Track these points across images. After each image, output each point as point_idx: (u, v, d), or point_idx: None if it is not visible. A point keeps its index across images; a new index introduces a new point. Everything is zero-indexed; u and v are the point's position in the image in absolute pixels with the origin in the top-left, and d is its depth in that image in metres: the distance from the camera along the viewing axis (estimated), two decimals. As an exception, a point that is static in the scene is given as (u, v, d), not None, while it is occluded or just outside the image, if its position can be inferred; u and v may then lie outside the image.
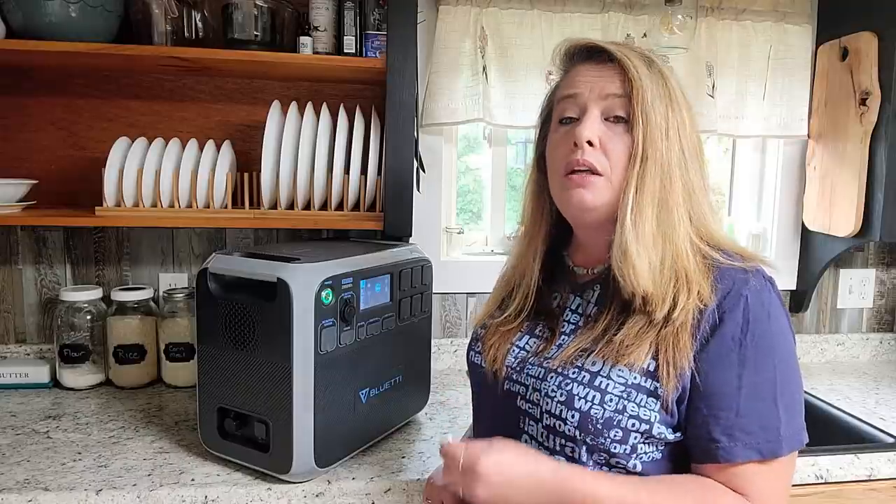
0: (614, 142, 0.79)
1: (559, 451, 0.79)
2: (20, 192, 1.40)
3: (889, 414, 1.45)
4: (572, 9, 1.60)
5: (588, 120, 0.80)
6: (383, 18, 1.40)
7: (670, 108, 0.80)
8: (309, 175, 1.41)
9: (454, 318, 1.74)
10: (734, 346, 0.73)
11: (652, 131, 0.78)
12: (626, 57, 0.80)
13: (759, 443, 0.72)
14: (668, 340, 0.75)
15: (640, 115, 0.78)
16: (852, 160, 1.58)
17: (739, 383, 0.73)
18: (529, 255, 0.91)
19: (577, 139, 0.79)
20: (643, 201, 0.78)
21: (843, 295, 1.87)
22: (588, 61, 0.84)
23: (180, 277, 1.61)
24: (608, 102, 0.80)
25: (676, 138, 0.80)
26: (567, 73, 0.87)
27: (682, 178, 0.80)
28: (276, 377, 1.04)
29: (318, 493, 1.07)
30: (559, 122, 0.84)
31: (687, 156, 0.80)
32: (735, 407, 0.73)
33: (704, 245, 0.80)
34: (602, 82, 0.81)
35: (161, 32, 1.37)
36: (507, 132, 1.76)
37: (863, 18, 1.55)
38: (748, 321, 0.74)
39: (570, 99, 0.83)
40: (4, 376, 1.47)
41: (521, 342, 0.88)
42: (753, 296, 0.75)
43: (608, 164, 0.79)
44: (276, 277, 1.02)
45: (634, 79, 0.79)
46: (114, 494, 1.03)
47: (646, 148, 0.78)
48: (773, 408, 0.73)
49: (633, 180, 0.78)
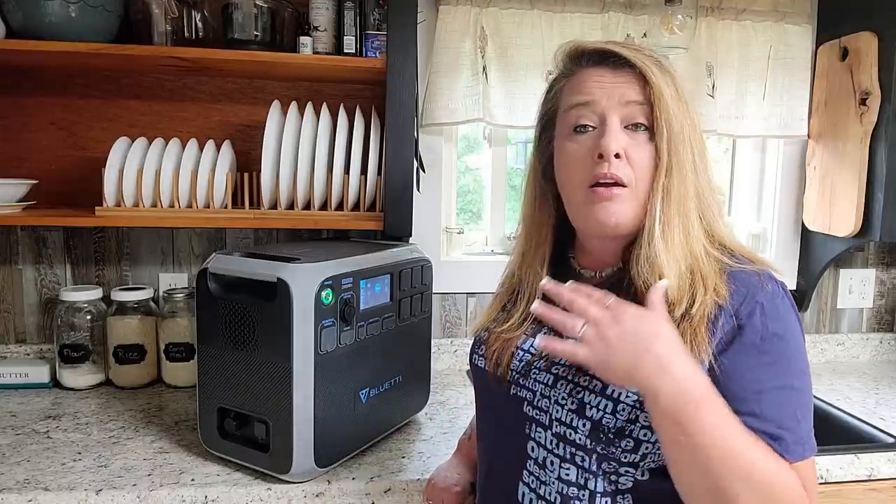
0: (638, 152, 0.77)
1: (569, 460, 0.78)
2: (20, 192, 1.40)
3: (889, 414, 1.45)
4: (572, 9, 1.60)
5: (612, 131, 0.77)
6: (383, 18, 1.40)
7: (684, 111, 0.79)
8: (309, 175, 1.41)
9: (454, 318, 1.74)
10: (754, 352, 0.73)
11: (675, 139, 0.76)
12: (644, 62, 0.77)
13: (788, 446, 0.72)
14: (686, 335, 0.74)
15: (664, 123, 0.76)
16: (852, 160, 1.58)
17: (760, 387, 0.73)
18: (536, 261, 0.88)
19: (603, 151, 0.76)
20: (670, 212, 0.76)
21: (843, 295, 1.87)
22: (600, 66, 0.80)
23: (180, 277, 1.61)
24: (628, 110, 0.78)
25: (689, 141, 0.78)
26: (573, 76, 0.83)
27: (695, 183, 0.79)
28: (276, 377, 1.04)
29: (318, 493, 1.07)
30: (573, 131, 0.81)
31: (697, 158, 0.79)
32: (758, 412, 0.72)
33: (714, 246, 0.79)
34: (621, 89, 0.78)
35: (161, 32, 1.37)
36: (507, 132, 1.76)
37: (863, 18, 1.55)
38: (766, 327, 0.73)
39: (584, 106, 0.79)
40: (4, 376, 1.47)
41: (525, 345, 0.86)
42: (769, 302, 0.75)
43: (633, 175, 0.77)
44: (276, 277, 1.02)
45: (655, 85, 0.76)
46: (114, 494, 1.03)
47: (671, 157, 0.76)
48: (793, 412, 0.74)
49: (659, 191, 0.76)
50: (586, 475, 0.77)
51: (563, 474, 0.78)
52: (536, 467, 0.81)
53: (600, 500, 0.77)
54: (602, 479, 0.77)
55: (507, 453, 0.85)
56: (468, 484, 1.00)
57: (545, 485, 0.80)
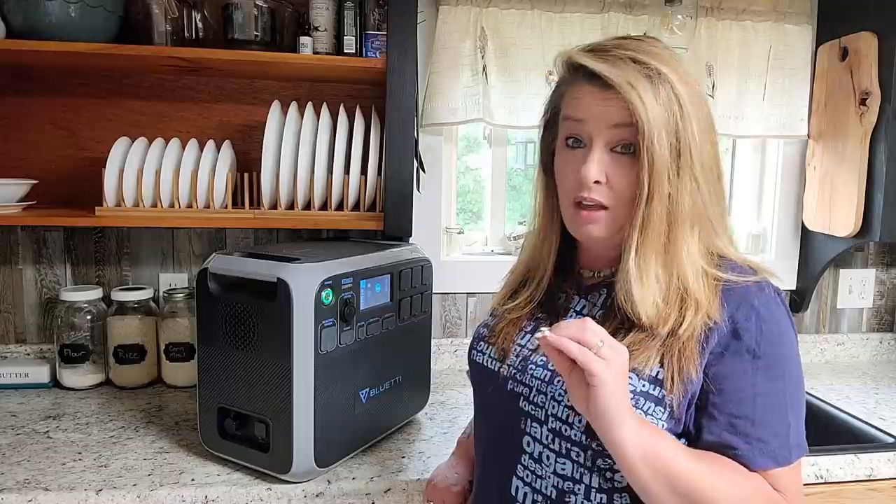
0: (619, 176, 0.77)
1: (565, 455, 0.79)
2: (20, 192, 1.40)
3: (889, 414, 1.45)
4: (572, 9, 1.60)
5: (594, 158, 0.77)
6: (383, 18, 1.40)
7: (681, 127, 0.75)
8: (309, 175, 1.41)
9: (454, 318, 1.74)
10: (749, 357, 0.74)
11: (658, 169, 0.75)
12: (631, 86, 0.74)
13: (774, 451, 0.74)
14: (674, 350, 0.75)
15: (646, 153, 0.74)
16: (852, 160, 1.58)
17: (755, 392, 0.74)
18: (545, 249, 0.90)
19: (582, 179, 0.77)
20: (647, 243, 0.76)
21: (843, 295, 1.87)
22: (592, 82, 0.78)
23: (180, 277, 1.61)
24: (615, 132, 0.77)
25: (688, 162, 0.76)
26: (571, 86, 0.82)
27: (691, 202, 0.77)
28: (276, 377, 1.04)
29: (318, 493, 1.07)
30: (566, 142, 0.81)
31: (699, 174, 0.77)
32: (751, 416, 0.74)
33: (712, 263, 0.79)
34: (609, 111, 0.76)
35: (161, 32, 1.37)
36: (507, 132, 1.76)
37: (863, 18, 1.55)
38: (762, 332, 0.74)
39: (575, 122, 0.80)
40: (4, 376, 1.47)
41: (522, 340, 0.88)
42: (764, 307, 0.76)
43: (613, 198, 0.78)
44: (276, 277, 1.02)
45: (639, 114, 0.74)
46: (114, 494, 1.03)
47: (651, 188, 0.75)
48: (785, 417, 0.75)
49: (637, 220, 0.76)
50: (581, 470, 0.78)
51: (559, 469, 0.79)
52: (532, 462, 0.82)
53: (596, 496, 0.78)
54: (597, 474, 0.77)
55: (502, 447, 0.86)
56: (467, 483, 1.00)
57: (541, 479, 0.81)
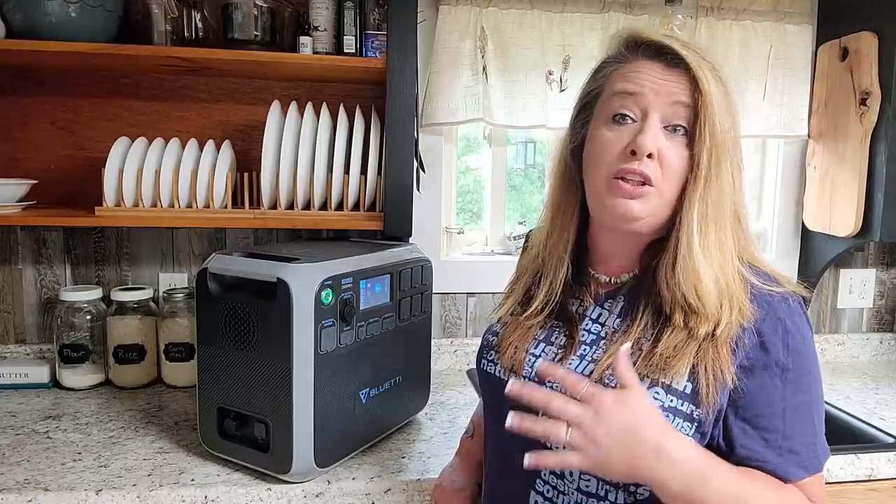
0: (672, 154, 0.75)
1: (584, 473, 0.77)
2: (20, 192, 1.40)
3: (889, 414, 1.45)
4: (572, 9, 1.60)
5: (650, 129, 0.75)
6: (383, 18, 1.40)
7: (731, 124, 0.76)
8: (309, 175, 1.41)
9: (454, 318, 1.74)
10: (778, 371, 0.74)
11: (718, 150, 0.74)
12: (699, 66, 0.75)
13: (804, 461, 0.75)
14: (709, 354, 0.73)
15: (707, 131, 0.73)
16: (852, 160, 1.58)
17: (784, 405, 0.74)
18: (561, 245, 0.86)
19: (637, 149, 0.74)
20: (707, 223, 0.75)
21: (843, 295, 1.87)
22: (654, 59, 0.77)
23: (180, 277, 1.61)
24: (672, 109, 0.75)
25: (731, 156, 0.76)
26: (624, 64, 0.79)
27: (733, 199, 0.77)
28: (276, 377, 1.04)
29: (318, 493, 1.07)
30: (612, 119, 0.78)
31: (735, 174, 0.77)
32: (782, 429, 0.74)
33: (744, 266, 0.78)
34: (669, 86, 0.75)
35: (161, 32, 1.37)
36: (507, 132, 1.76)
37: (863, 18, 1.55)
38: (788, 346, 0.74)
39: (629, 96, 0.77)
40: (4, 376, 1.47)
41: (536, 350, 0.84)
42: (790, 320, 0.75)
43: (661, 175, 0.75)
44: (276, 277, 1.02)
45: (705, 92, 0.73)
46: (114, 494, 1.03)
47: (711, 168, 0.74)
48: (812, 427, 0.76)
49: (695, 201, 0.74)
50: (606, 487, 0.76)
51: (583, 486, 0.77)
52: (553, 477, 0.80)
53: None
54: (622, 490, 0.76)
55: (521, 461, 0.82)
56: (475, 486, 0.99)
57: (563, 494, 0.79)
